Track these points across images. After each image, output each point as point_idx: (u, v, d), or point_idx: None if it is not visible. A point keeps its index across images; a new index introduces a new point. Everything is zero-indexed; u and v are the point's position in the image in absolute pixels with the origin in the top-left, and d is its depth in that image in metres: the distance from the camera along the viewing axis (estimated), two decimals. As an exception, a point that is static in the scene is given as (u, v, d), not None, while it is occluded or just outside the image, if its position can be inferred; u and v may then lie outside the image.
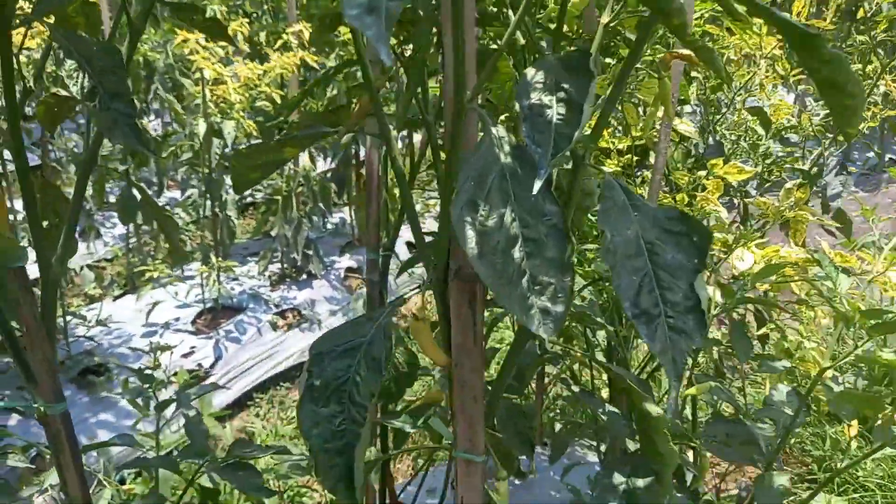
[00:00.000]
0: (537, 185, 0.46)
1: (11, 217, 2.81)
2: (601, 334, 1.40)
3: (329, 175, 3.96)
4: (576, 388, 1.17)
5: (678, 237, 0.52)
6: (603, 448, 1.55)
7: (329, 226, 4.44)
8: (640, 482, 0.75)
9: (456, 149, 0.56)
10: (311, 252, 3.61)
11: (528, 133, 0.48)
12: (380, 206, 1.31)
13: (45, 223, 0.81)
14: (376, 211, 1.31)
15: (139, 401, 1.31)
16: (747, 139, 1.29)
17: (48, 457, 2.50)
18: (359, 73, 3.30)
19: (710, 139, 1.26)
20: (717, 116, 1.25)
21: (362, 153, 4.33)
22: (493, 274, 0.45)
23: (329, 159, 4.33)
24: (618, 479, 0.76)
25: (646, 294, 0.50)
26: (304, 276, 3.72)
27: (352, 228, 4.29)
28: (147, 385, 1.20)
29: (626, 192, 0.53)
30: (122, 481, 2.42)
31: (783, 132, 1.30)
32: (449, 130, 0.59)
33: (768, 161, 1.29)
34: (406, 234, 3.63)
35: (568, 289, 0.47)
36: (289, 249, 3.55)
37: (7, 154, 2.57)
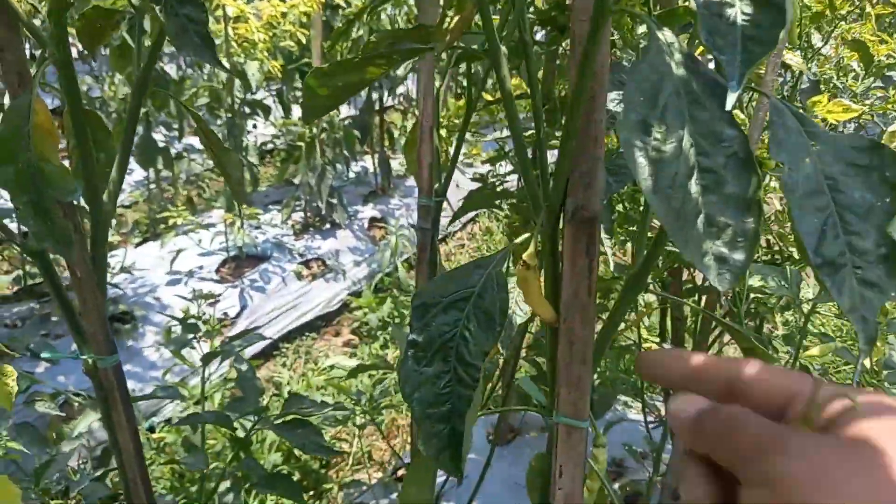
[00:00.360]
0: (730, 99, 0.37)
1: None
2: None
3: (350, 122, 3.84)
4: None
5: (867, 172, 0.43)
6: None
7: (352, 174, 4.35)
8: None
9: (589, 62, 0.47)
10: (334, 201, 3.53)
11: (707, 37, 0.39)
12: (433, 148, 1.22)
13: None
14: (430, 153, 1.21)
15: (178, 350, 1.25)
16: (843, 78, 1.18)
17: (76, 404, 2.49)
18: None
19: (805, 77, 1.15)
20: (812, 53, 1.14)
21: (386, 99, 4.19)
22: (670, 212, 0.37)
23: (349, 105, 4.21)
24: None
25: (830, 240, 0.41)
26: (328, 226, 3.65)
27: (374, 177, 4.19)
28: (191, 335, 1.14)
29: (799, 118, 0.44)
30: (152, 429, 2.41)
31: (885, 70, 1.19)
32: (580, 40, 0.49)
33: (868, 102, 1.19)
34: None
35: (751, 233, 0.38)
36: (312, 198, 3.47)
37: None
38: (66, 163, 0.58)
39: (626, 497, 2.12)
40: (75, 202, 0.62)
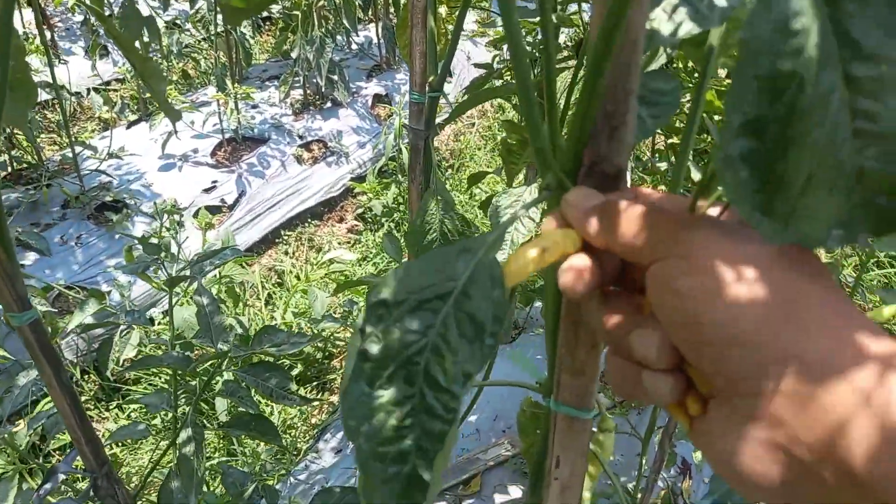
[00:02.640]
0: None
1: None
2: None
3: (353, -14, 3.49)
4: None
5: None
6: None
7: (353, 46, 4.03)
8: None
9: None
10: (335, 77, 3.28)
11: None
12: (427, 34, 1.02)
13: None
14: (422, 39, 1.01)
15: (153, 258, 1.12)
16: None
17: (71, 297, 2.42)
18: None
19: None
20: None
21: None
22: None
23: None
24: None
25: None
26: (329, 104, 3.42)
27: (378, 49, 3.88)
28: (155, 257, 1.00)
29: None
30: (152, 321, 2.35)
31: None
32: None
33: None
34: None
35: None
36: (311, 74, 3.22)
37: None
38: None
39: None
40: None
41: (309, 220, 3.00)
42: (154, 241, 1.00)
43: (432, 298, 0.36)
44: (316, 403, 2.22)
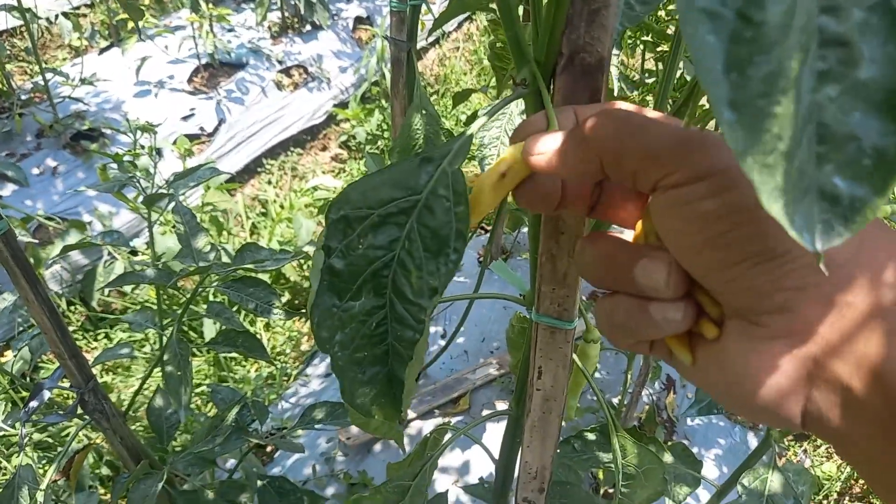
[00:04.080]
0: None
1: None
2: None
3: None
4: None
5: None
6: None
7: (333, -36, 3.87)
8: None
9: None
10: (314, -3, 3.16)
11: None
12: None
13: None
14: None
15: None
16: None
17: (51, 228, 2.39)
18: None
19: None
20: None
21: None
22: (745, 118, 0.20)
23: None
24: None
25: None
26: (309, 28, 3.30)
27: (359, -32, 3.72)
28: (130, 176, 0.98)
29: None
30: (134, 252, 2.34)
31: None
32: None
33: None
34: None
35: (892, 150, 0.21)
36: (289, -6, 3.10)
37: None
38: None
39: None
40: None
41: (292, 149, 2.95)
42: (128, 158, 0.97)
43: (396, 213, 0.35)
44: (305, 330, 2.24)
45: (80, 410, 0.75)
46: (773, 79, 0.19)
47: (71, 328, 2.16)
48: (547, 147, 0.32)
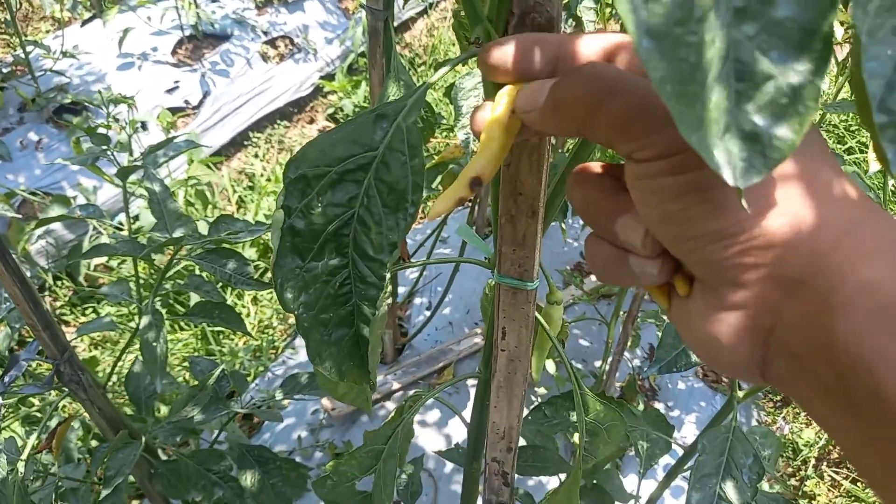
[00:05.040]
0: None
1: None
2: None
3: None
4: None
5: None
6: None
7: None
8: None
9: None
10: (299, -33, 3.11)
11: None
12: None
13: None
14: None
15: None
16: None
17: (35, 203, 2.38)
18: None
19: None
20: None
21: None
22: (665, 56, 0.20)
23: None
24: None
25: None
26: (294, -2, 3.26)
27: (345, -63, 3.66)
28: (104, 148, 0.98)
29: None
30: (119, 228, 2.33)
31: None
32: None
33: None
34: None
35: (809, 89, 0.22)
36: (273, -36, 3.05)
37: None
38: None
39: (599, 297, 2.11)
40: None
41: (278, 122, 2.93)
42: (102, 131, 0.97)
43: (353, 170, 0.35)
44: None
45: (57, 382, 0.76)
46: (689, 4, 0.19)
47: (59, 303, 2.16)
48: (532, 104, 0.31)
